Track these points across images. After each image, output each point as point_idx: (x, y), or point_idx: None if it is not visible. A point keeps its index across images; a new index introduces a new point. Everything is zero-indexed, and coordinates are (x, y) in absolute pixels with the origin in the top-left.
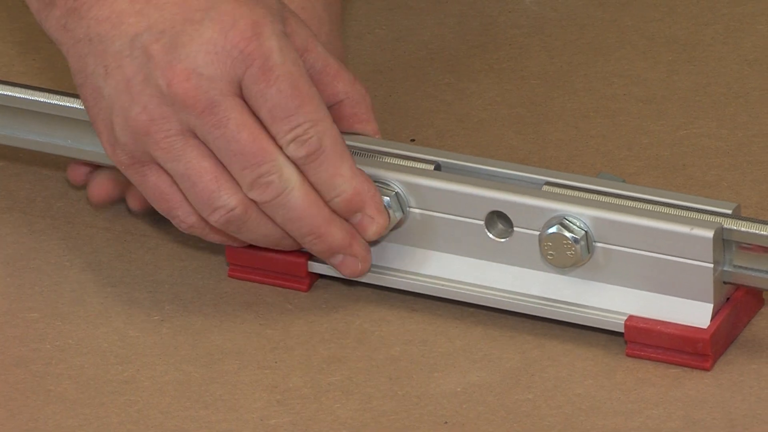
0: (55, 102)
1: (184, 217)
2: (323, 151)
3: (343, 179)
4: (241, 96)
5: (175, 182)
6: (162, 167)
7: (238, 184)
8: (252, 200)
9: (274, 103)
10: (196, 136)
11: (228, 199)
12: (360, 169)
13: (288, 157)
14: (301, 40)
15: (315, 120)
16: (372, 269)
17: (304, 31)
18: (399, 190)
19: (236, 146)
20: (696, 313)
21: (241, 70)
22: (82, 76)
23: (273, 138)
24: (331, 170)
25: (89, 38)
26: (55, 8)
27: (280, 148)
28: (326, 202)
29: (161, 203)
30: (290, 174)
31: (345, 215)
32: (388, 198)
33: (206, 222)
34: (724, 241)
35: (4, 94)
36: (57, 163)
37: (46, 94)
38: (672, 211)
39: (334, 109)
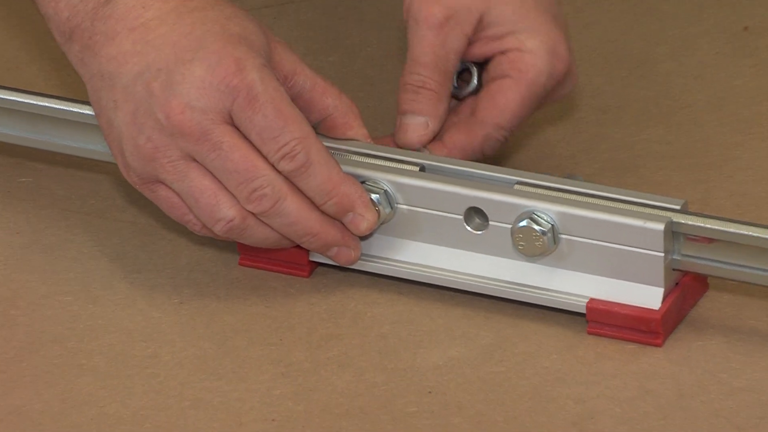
0: (87, 112)
1: (195, 221)
2: (311, 163)
3: (332, 185)
4: (232, 123)
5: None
6: (169, 186)
7: (234, 198)
8: (250, 212)
9: (261, 127)
10: (195, 159)
11: (227, 211)
12: (346, 173)
13: (279, 173)
14: (289, 65)
15: (300, 137)
16: (364, 258)
17: (291, 56)
18: (388, 189)
19: (231, 165)
20: (649, 296)
21: (229, 101)
22: (98, 108)
23: (264, 157)
24: (320, 179)
25: (101, 74)
26: (74, 43)
27: (272, 165)
28: (319, 207)
29: (174, 212)
30: (282, 185)
31: (338, 216)
32: (378, 195)
33: (213, 231)
34: (673, 233)
35: (44, 105)
36: (90, 165)
37: (80, 105)
38: (627, 206)
39: (326, 121)
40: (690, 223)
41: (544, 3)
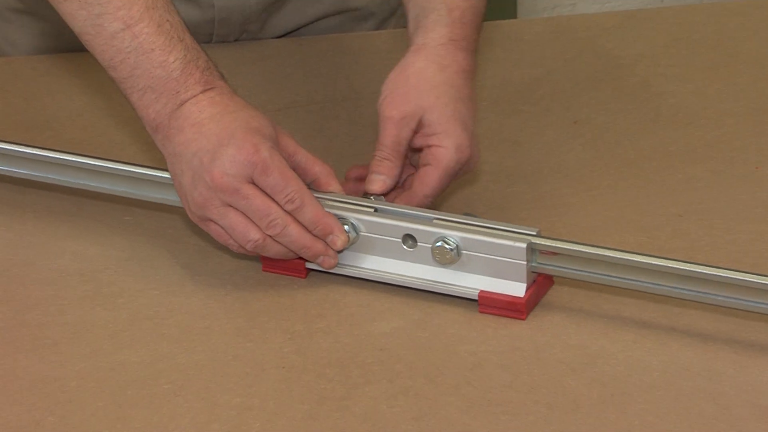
0: (167, 176)
1: (234, 243)
2: (304, 205)
3: (318, 218)
4: (253, 183)
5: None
6: (216, 223)
7: (258, 227)
8: (268, 235)
9: (272, 185)
10: (231, 205)
11: (254, 235)
12: (327, 211)
13: (285, 211)
14: (290, 147)
15: (296, 190)
16: (340, 265)
17: (291, 141)
18: (354, 222)
19: (254, 207)
20: (517, 289)
21: (251, 170)
22: (173, 174)
23: (276, 202)
24: (311, 214)
25: (174, 154)
26: (158, 134)
27: (280, 206)
28: (311, 231)
29: (220, 238)
30: (286, 218)
31: (322, 237)
32: (348, 226)
33: (245, 249)
34: (532, 249)
35: (140, 172)
36: (167, 209)
37: (162, 172)
38: (503, 233)
39: (315, 181)
40: (542, 242)
41: (459, 113)
